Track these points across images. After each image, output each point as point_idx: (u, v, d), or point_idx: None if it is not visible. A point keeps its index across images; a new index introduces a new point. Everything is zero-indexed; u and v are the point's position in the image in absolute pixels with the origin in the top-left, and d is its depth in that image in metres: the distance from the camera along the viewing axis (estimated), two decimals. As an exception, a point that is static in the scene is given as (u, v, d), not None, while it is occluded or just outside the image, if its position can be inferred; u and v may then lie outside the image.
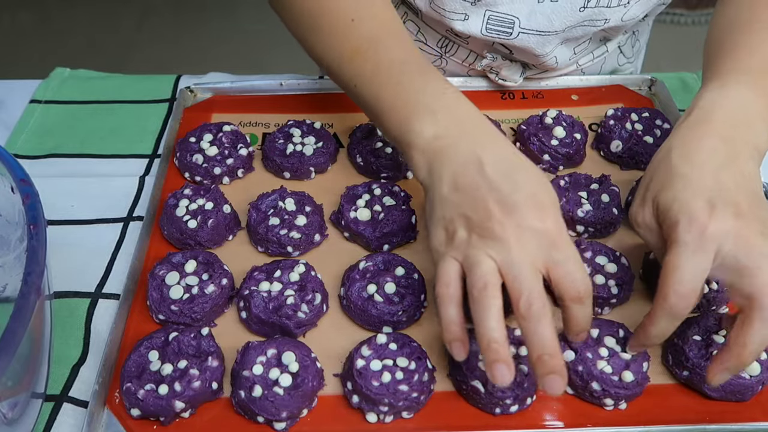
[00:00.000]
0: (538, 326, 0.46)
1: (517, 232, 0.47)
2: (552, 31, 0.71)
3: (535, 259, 0.47)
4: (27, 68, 1.11)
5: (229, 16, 2.45)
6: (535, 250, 0.47)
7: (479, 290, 0.47)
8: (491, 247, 0.48)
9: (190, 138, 0.71)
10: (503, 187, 0.49)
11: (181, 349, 0.53)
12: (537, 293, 0.46)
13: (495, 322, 0.46)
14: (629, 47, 0.85)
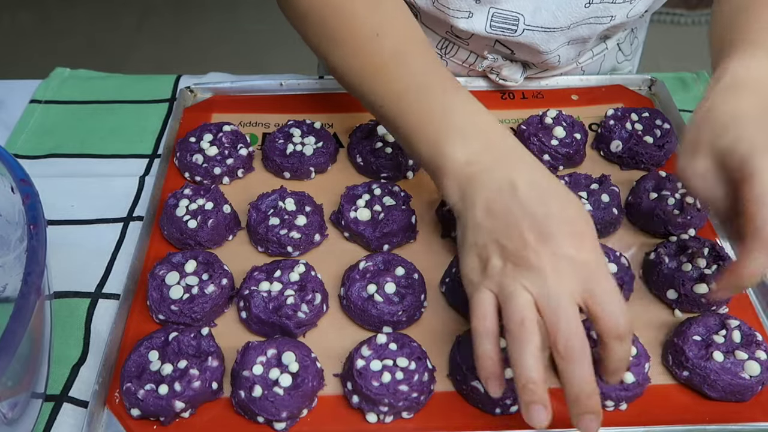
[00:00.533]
0: (577, 367, 0.44)
1: (553, 261, 0.45)
2: (557, 27, 0.71)
3: (572, 291, 0.45)
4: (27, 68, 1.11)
5: (229, 16, 2.45)
6: (572, 282, 0.45)
7: (517, 325, 0.45)
8: (527, 278, 0.46)
9: (190, 138, 0.71)
10: (538, 212, 0.47)
11: (181, 349, 0.53)
12: (575, 330, 0.44)
13: (533, 360, 0.44)
14: (628, 45, 0.85)
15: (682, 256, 0.60)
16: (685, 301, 0.58)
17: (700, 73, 0.85)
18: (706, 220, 0.65)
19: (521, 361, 0.44)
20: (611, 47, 0.82)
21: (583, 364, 0.44)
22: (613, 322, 0.45)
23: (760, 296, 0.61)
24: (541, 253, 0.46)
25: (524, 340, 0.44)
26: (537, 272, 0.46)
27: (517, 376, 0.45)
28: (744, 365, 0.53)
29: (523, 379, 0.44)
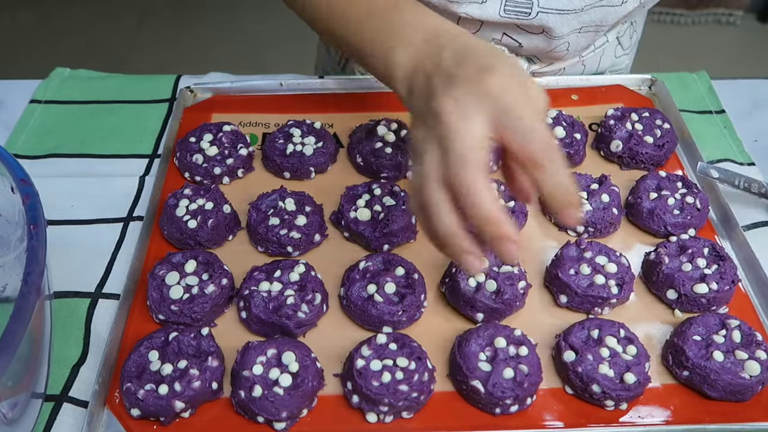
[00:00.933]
0: (469, 194, 0.43)
1: (453, 104, 0.45)
2: (571, 9, 0.71)
3: (471, 126, 0.44)
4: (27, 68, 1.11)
5: (229, 16, 2.45)
6: (475, 117, 0.44)
7: (418, 189, 0.46)
8: (430, 128, 0.46)
9: (190, 138, 0.71)
10: (449, 64, 0.47)
11: (181, 349, 0.53)
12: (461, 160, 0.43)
13: (444, 215, 0.45)
14: (627, 38, 0.85)
15: (682, 256, 0.60)
16: (685, 301, 0.58)
17: (700, 73, 0.85)
18: (706, 220, 0.65)
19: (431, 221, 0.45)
20: (611, 40, 0.82)
21: (480, 191, 0.43)
22: (527, 144, 0.44)
23: (760, 296, 0.61)
24: (442, 98, 0.45)
25: (429, 202, 0.45)
26: (438, 118, 0.45)
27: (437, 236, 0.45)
28: (744, 365, 0.53)
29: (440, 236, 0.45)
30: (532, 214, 0.66)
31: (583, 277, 0.58)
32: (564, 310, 0.59)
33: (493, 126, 0.44)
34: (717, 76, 0.84)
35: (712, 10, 2.45)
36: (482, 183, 0.43)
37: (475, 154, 0.44)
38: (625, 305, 0.60)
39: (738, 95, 0.81)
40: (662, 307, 0.60)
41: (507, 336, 0.54)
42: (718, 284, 0.58)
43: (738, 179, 0.67)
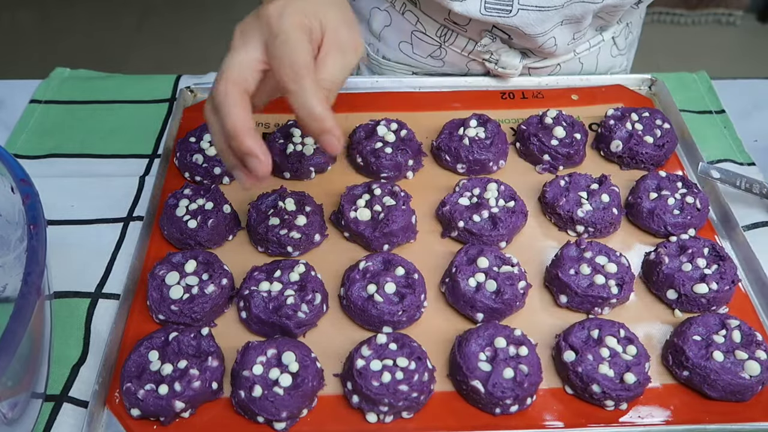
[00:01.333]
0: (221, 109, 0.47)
1: (242, 27, 0.50)
2: (551, 6, 0.71)
3: (249, 50, 0.48)
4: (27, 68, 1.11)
5: (229, 15, 2.45)
6: (252, 41, 0.48)
7: None
8: None
9: (190, 138, 0.71)
10: None
11: (181, 349, 0.53)
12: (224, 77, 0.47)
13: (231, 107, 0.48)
14: (623, 39, 0.85)
15: (682, 256, 0.60)
16: (685, 301, 0.58)
17: (700, 73, 0.85)
18: (706, 220, 0.65)
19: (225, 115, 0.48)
20: (607, 39, 0.82)
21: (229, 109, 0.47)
22: (280, 69, 0.47)
23: (760, 296, 0.61)
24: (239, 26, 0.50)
25: None
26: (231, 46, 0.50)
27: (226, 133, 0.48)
28: (744, 365, 0.53)
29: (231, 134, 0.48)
30: (532, 214, 0.66)
31: (583, 277, 0.58)
32: (564, 310, 0.59)
33: (264, 51, 0.48)
34: (717, 76, 0.84)
35: (712, 10, 2.45)
36: (236, 100, 0.47)
37: (236, 72, 0.48)
38: (625, 305, 0.60)
39: (738, 95, 0.81)
40: (662, 307, 0.60)
41: (507, 336, 0.54)
42: (718, 284, 0.58)
43: (739, 180, 0.67)
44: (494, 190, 0.65)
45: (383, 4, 0.80)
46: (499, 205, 0.64)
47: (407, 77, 0.82)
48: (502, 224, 0.63)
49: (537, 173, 0.71)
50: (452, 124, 0.72)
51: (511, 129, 0.76)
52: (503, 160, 0.71)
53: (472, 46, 0.78)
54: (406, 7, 0.78)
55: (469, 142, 0.69)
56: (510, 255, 0.60)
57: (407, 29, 0.80)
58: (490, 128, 0.71)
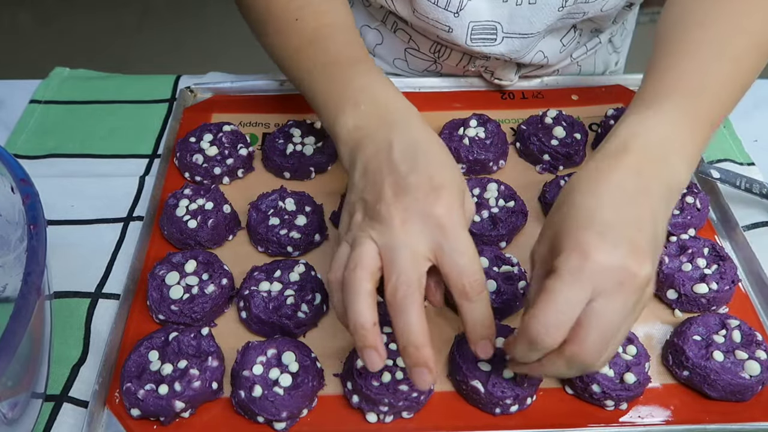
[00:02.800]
0: (403, 315, 0.44)
1: (403, 216, 0.46)
2: (533, 32, 0.71)
3: (417, 245, 0.45)
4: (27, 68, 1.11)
5: (229, 16, 2.45)
6: (419, 236, 0.45)
7: (349, 271, 0.45)
8: (376, 230, 0.46)
9: (190, 138, 0.71)
10: (402, 168, 0.47)
11: (181, 349, 0.53)
12: (406, 279, 0.44)
13: (362, 305, 0.44)
14: (618, 37, 0.86)
15: (682, 256, 0.60)
16: (685, 301, 0.58)
17: (700, 73, 0.84)
18: (706, 220, 0.65)
19: (350, 305, 0.45)
20: (604, 41, 0.82)
21: (411, 312, 0.44)
22: (459, 279, 0.45)
23: (760, 296, 0.61)
24: (393, 206, 0.46)
25: (353, 286, 0.45)
26: (386, 225, 0.46)
27: (348, 321, 0.45)
28: (744, 365, 0.53)
29: (352, 323, 0.45)
30: (532, 214, 0.66)
31: (583, 277, 0.58)
32: (564, 310, 0.59)
33: (433, 251, 0.46)
34: (717, 76, 0.84)
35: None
36: (417, 305, 0.44)
37: (416, 273, 0.45)
38: (625, 305, 0.60)
39: (738, 95, 0.81)
40: (662, 307, 0.60)
41: (507, 336, 0.54)
42: (718, 284, 0.58)
43: (739, 180, 0.67)
44: (494, 190, 0.65)
45: (373, 22, 0.80)
46: (499, 205, 0.64)
47: (407, 77, 0.82)
48: (502, 224, 0.63)
49: (537, 173, 0.71)
50: (452, 124, 0.72)
51: (511, 129, 0.76)
52: (503, 160, 0.71)
53: (467, 61, 0.78)
54: (397, 25, 0.78)
55: (469, 142, 0.69)
56: (510, 255, 0.60)
57: (400, 47, 0.80)
58: (490, 128, 0.71)
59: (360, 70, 0.57)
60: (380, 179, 0.48)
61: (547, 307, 0.43)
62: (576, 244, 0.43)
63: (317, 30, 0.61)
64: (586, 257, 0.43)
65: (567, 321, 0.43)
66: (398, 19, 0.77)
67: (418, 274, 0.45)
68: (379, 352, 0.44)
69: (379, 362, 0.44)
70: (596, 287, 0.43)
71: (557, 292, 0.43)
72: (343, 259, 0.47)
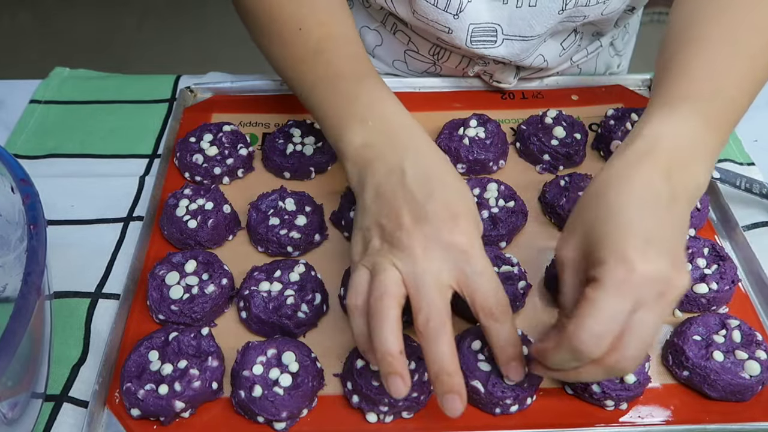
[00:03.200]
0: (435, 344, 0.45)
1: (423, 242, 0.46)
2: (534, 35, 0.71)
3: (441, 272, 0.46)
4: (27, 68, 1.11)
5: (229, 16, 2.45)
6: (442, 263, 0.46)
7: (375, 299, 0.46)
8: (398, 257, 0.46)
9: (190, 138, 0.71)
10: (418, 196, 0.48)
11: (181, 349, 0.53)
12: (436, 309, 0.45)
13: (389, 333, 0.45)
14: (620, 41, 0.85)
15: (682, 256, 0.60)
16: (685, 301, 0.58)
17: (700, 73, 0.84)
18: (706, 220, 0.65)
19: (378, 333, 0.45)
20: (605, 44, 0.82)
21: (443, 341, 0.45)
22: (485, 301, 0.46)
23: (760, 296, 0.61)
24: (413, 234, 0.47)
25: (381, 314, 0.45)
26: (408, 252, 0.46)
27: (375, 348, 0.45)
28: (744, 365, 0.53)
29: (380, 351, 0.45)
30: (532, 214, 0.66)
31: (583, 277, 0.58)
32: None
33: (456, 277, 0.47)
34: (717, 76, 0.84)
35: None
36: (448, 333, 0.45)
37: (444, 302, 0.46)
38: (625, 305, 0.60)
39: (738, 95, 0.81)
40: (662, 307, 0.60)
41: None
42: (718, 284, 0.58)
43: (739, 180, 0.67)
44: (494, 190, 0.65)
45: (373, 23, 0.80)
46: (499, 205, 0.64)
47: (407, 77, 0.82)
48: (502, 224, 0.63)
49: (537, 173, 0.71)
50: (452, 124, 0.72)
51: (511, 129, 0.76)
52: (503, 160, 0.71)
53: (467, 63, 0.78)
54: (397, 27, 0.78)
55: (469, 142, 0.69)
56: (510, 255, 0.60)
57: (399, 49, 0.80)
58: (490, 128, 0.71)
59: (367, 85, 0.57)
60: (397, 206, 0.48)
61: (593, 319, 0.43)
62: (620, 254, 0.43)
63: (321, 41, 0.61)
64: (631, 270, 0.43)
65: (612, 332, 0.43)
66: (398, 21, 0.77)
67: (445, 302, 0.46)
68: (405, 380, 0.45)
69: (404, 390, 0.45)
70: (639, 298, 0.43)
71: (603, 303, 0.43)
72: (363, 284, 0.47)
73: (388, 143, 0.52)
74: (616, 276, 0.43)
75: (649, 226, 0.45)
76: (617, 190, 0.47)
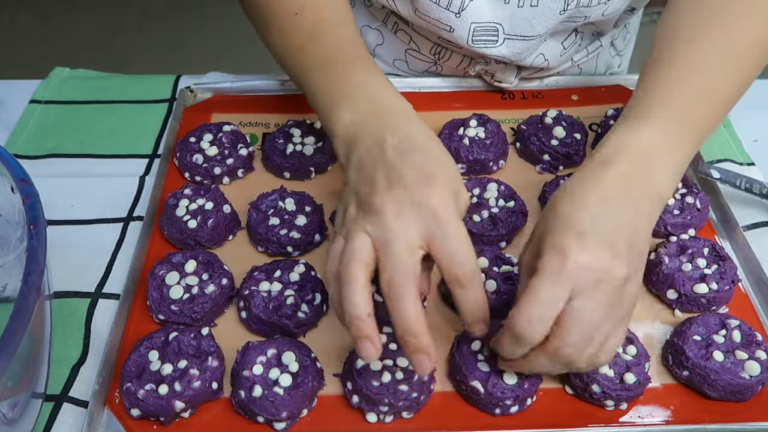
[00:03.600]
0: (399, 303, 0.44)
1: (395, 206, 0.46)
2: (534, 35, 0.71)
3: (410, 234, 0.45)
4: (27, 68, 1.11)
5: (229, 16, 2.45)
6: (412, 226, 0.45)
7: (344, 265, 0.45)
8: (370, 222, 0.46)
9: (190, 138, 0.71)
10: (396, 163, 0.47)
11: (181, 349, 0.53)
12: (401, 268, 0.44)
13: (357, 296, 0.44)
14: (621, 40, 0.85)
15: (682, 256, 0.60)
16: (685, 301, 0.58)
17: (700, 73, 0.84)
18: (706, 220, 0.65)
19: (345, 297, 0.45)
20: (605, 44, 0.82)
21: (407, 301, 0.44)
22: (453, 266, 0.45)
23: (760, 296, 0.61)
24: (386, 197, 0.46)
25: (348, 278, 0.45)
26: (378, 216, 0.46)
27: (345, 314, 0.45)
28: (744, 365, 0.53)
29: (348, 315, 0.45)
30: (532, 214, 0.66)
31: (583, 277, 0.58)
32: (564, 310, 0.59)
33: (425, 238, 0.46)
34: (717, 76, 0.84)
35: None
36: (412, 293, 0.45)
37: (410, 262, 0.45)
38: (625, 305, 0.60)
39: (738, 95, 0.81)
40: (662, 307, 0.60)
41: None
42: (718, 284, 0.58)
43: (739, 180, 0.67)
44: (494, 190, 0.65)
45: (374, 22, 0.80)
46: (499, 205, 0.64)
47: (408, 77, 0.82)
48: (502, 224, 0.63)
49: (537, 173, 0.71)
50: (452, 124, 0.72)
51: (511, 129, 0.76)
52: (503, 160, 0.71)
53: (468, 63, 0.78)
54: (398, 26, 0.78)
55: (469, 142, 0.69)
56: (510, 255, 0.60)
57: (401, 48, 0.80)
58: (490, 128, 0.71)
59: (358, 66, 0.57)
60: (374, 173, 0.48)
61: (530, 305, 0.45)
62: (556, 245, 0.46)
63: (316, 25, 0.61)
64: (566, 257, 0.45)
65: (547, 316, 0.45)
66: (399, 20, 0.77)
67: (412, 263, 0.45)
68: (374, 343, 0.45)
69: (374, 353, 0.45)
70: (575, 286, 0.45)
71: (538, 289, 0.45)
72: (338, 252, 0.47)
73: (375, 119, 0.52)
74: (552, 264, 0.45)
75: (588, 223, 0.46)
76: (570, 198, 0.49)
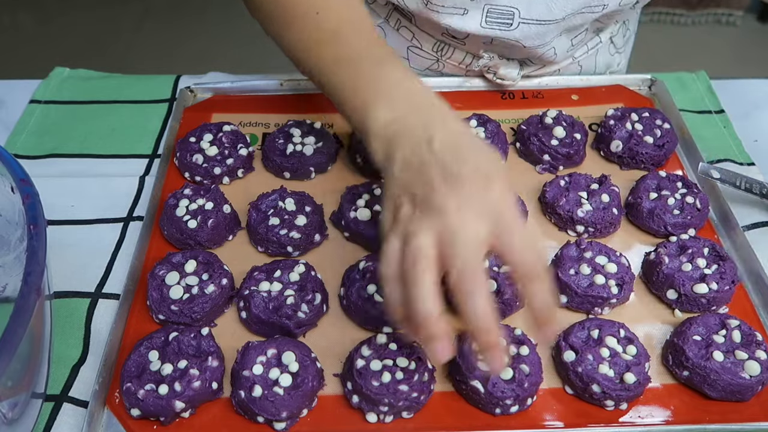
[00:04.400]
0: (470, 300, 0.44)
1: (457, 201, 0.45)
2: (552, 20, 0.71)
3: (476, 230, 0.45)
4: (27, 68, 1.11)
5: (229, 16, 2.45)
6: (477, 221, 0.45)
7: (410, 265, 0.45)
8: (432, 218, 0.46)
9: (190, 138, 0.71)
10: (448, 160, 0.47)
11: (181, 349, 0.53)
12: (471, 264, 0.44)
13: (427, 296, 0.44)
14: (620, 37, 0.85)
15: (682, 256, 0.60)
16: (685, 301, 0.58)
17: (700, 73, 0.85)
18: (706, 220, 0.65)
19: (414, 298, 0.44)
20: (605, 41, 0.82)
21: (478, 297, 0.44)
22: (521, 260, 0.45)
23: (760, 296, 0.61)
24: (447, 194, 0.46)
25: (416, 279, 0.44)
26: (440, 212, 0.46)
27: (414, 315, 0.45)
28: (744, 365, 0.53)
29: (419, 316, 0.44)
30: (532, 214, 0.66)
31: (583, 277, 0.58)
32: (564, 310, 0.59)
33: (491, 233, 0.45)
34: (717, 76, 0.84)
35: (712, 10, 2.45)
36: (485, 287, 0.44)
37: (480, 256, 0.45)
38: (625, 305, 0.60)
39: (738, 95, 0.81)
40: (662, 307, 0.60)
41: (507, 335, 0.54)
42: (718, 284, 0.58)
43: (739, 180, 0.67)
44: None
45: (377, 19, 0.80)
46: (499, 205, 0.64)
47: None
48: (502, 224, 0.63)
49: (537, 173, 0.71)
50: (452, 124, 0.72)
51: (511, 129, 0.76)
52: (503, 160, 0.71)
53: (470, 60, 0.78)
54: (401, 23, 0.78)
55: (469, 142, 0.69)
56: (510, 255, 0.60)
57: (403, 45, 0.80)
58: (490, 128, 0.71)
59: (393, 66, 0.57)
60: (427, 172, 0.48)
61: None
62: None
63: (340, 24, 0.61)
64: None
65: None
66: (402, 16, 0.77)
67: (480, 258, 0.45)
68: (448, 342, 0.44)
69: (448, 354, 0.44)
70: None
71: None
72: (396, 252, 0.47)
73: (415, 117, 0.52)
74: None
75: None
76: None
